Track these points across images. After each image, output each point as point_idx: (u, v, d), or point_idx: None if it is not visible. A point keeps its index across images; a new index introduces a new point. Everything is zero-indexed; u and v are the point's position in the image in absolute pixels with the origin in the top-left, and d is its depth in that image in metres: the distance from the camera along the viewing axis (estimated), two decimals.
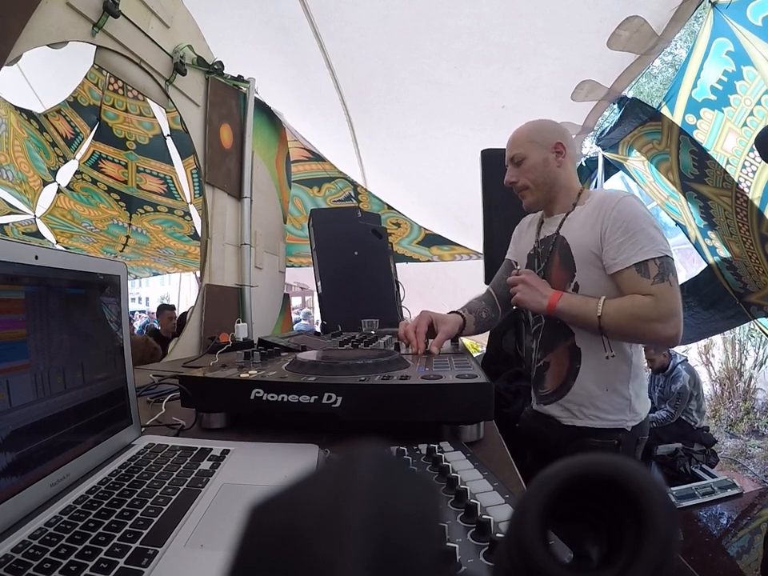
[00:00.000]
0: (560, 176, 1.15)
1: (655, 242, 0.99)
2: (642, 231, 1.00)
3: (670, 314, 0.97)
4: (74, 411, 0.49)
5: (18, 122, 3.13)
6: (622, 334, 1.04)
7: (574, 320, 1.09)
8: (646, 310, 0.97)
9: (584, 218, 1.10)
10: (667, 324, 0.97)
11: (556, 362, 1.18)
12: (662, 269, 0.98)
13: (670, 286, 0.98)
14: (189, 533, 0.38)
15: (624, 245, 1.00)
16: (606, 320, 1.00)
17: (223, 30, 2.22)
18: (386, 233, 2.18)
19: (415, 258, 3.91)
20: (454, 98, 2.57)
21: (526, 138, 1.16)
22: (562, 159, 1.15)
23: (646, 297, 0.98)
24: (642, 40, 1.94)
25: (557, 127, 1.18)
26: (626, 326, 1.00)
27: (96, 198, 3.90)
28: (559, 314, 1.08)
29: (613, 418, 1.09)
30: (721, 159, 2.13)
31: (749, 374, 5.56)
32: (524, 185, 1.17)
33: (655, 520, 0.14)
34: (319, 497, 0.12)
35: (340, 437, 0.63)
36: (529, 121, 1.20)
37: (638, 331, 1.01)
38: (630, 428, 1.10)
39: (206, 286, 1.98)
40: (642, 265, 0.99)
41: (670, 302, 0.98)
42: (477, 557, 0.32)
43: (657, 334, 0.99)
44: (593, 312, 1.02)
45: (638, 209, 1.04)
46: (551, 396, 1.18)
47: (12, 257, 0.42)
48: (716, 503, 2.45)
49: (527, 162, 1.15)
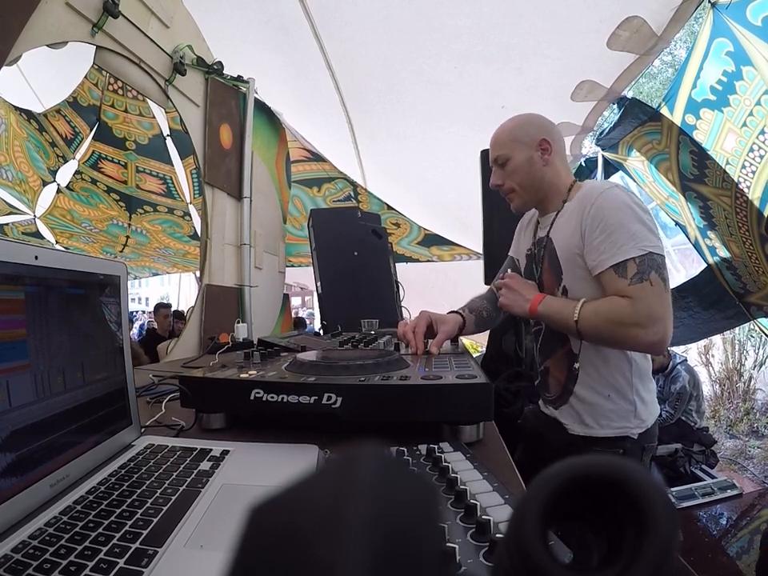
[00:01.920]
0: (546, 174, 1.08)
1: (636, 238, 0.90)
2: (621, 228, 0.91)
3: (649, 318, 0.88)
4: (74, 411, 0.49)
5: (17, 122, 3.13)
6: (602, 339, 0.97)
7: (555, 324, 1.03)
8: (624, 312, 0.89)
9: (569, 216, 1.04)
10: (648, 329, 0.88)
11: (555, 368, 1.14)
12: (642, 267, 0.89)
13: (651, 286, 0.88)
14: (188, 533, 0.38)
15: (602, 244, 0.93)
16: (584, 324, 0.94)
17: (223, 30, 2.22)
18: (385, 233, 2.19)
19: (415, 258, 3.91)
20: (453, 98, 2.57)
21: (508, 136, 1.09)
22: (548, 157, 1.07)
23: (623, 299, 0.90)
24: (642, 40, 1.95)
25: (542, 121, 1.10)
26: (604, 330, 0.93)
27: (96, 198, 3.90)
28: (540, 318, 1.04)
29: (616, 426, 1.03)
30: (720, 159, 2.13)
31: (748, 375, 5.56)
32: (510, 188, 1.11)
33: (655, 520, 0.14)
34: (319, 497, 0.12)
35: (340, 437, 0.63)
36: (512, 117, 1.12)
37: (616, 336, 0.92)
38: (636, 436, 1.03)
39: (206, 286, 1.98)
40: (621, 265, 0.91)
41: (650, 304, 0.88)
42: (477, 557, 0.32)
43: (638, 340, 0.90)
44: (570, 316, 0.95)
45: (618, 201, 0.94)
46: (556, 401, 1.14)
47: (12, 257, 0.42)
48: (716, 504, 2.45)
49: (511, 164, 1.08)
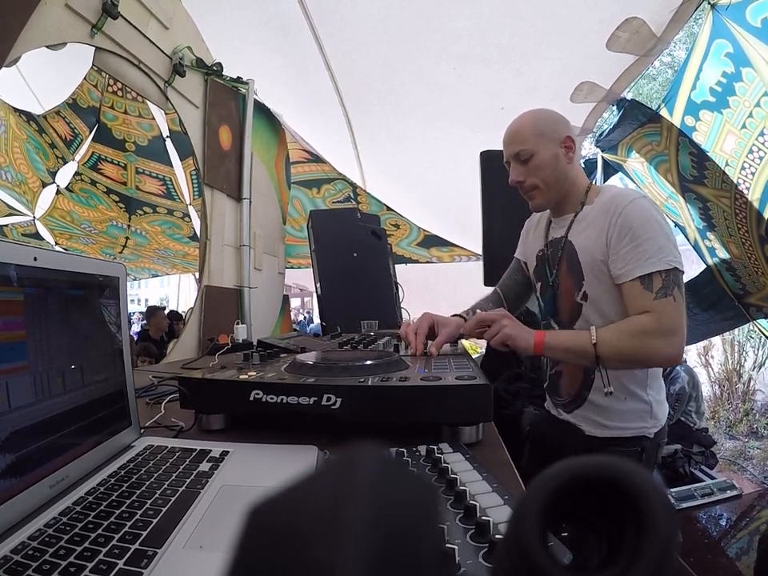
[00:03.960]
0: (570, 173, 1.05)
1: (663, 252, 0.91)
2: (650, 240, 0.92)
3: (671, 331, 0.90)
4: (74, 413, 0.49)
5: (17, 123, 3.13)
6: (622, 359, 0.96)
7: (566, 353, 1.00)
8: (648, 326, 0.90)
9: (591, 220, 1.02)
10: (669, 340, 0.90)
11: (568, 372, 1.13)
12: (667, 282, 0.91)
13: (674, 302, 0.90)
14: (188, 534, 0.38)
15: (630, 254, 0.93)
16: (603, 347, 0.93)
17: (222, 31, 2.23)
18: (385, 234, 2.19)
19: (414, 260, 3.91)
20: (453, 99, 2.58)
21: (533, 131, 1.03)
22: (572, 155, 1.04)
23: (644, 315, 0.92)
24: (642, 41, 1.95)
25: (562, 118, 1.08)
26: (626, 348, 0.93)
27: (95, 200, 3.90)
28: (548, 349, 0.99)
29: (634, 426, 1.05)
30: (720, 161, 2.13)
31: (748, 376, 5.56)
32: (533, 184, 1.05)
33: (655, 521, 0.14)
34: (319, 498, 0.12)
35: (339, 438, 0.63)
36: (528, 111, 1.08)
37: (638, 352, 0.93)
38: (653, 435, 1.05)
39: (205, 287, 1.98)
40: (647, 278, 0.92)
41: (673, 318, 0.90)
42: (476, 558, 0.32)
43: (659, 353, 0.91)
44: (586, 340, 0.94)
45: (647, 213, 0.95)
46: (570, 405, 1.13)
47: (11, 258, 0.42)
48: (715, 504, 2.45)
49: (536, 159, 1.03)
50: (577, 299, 1.06)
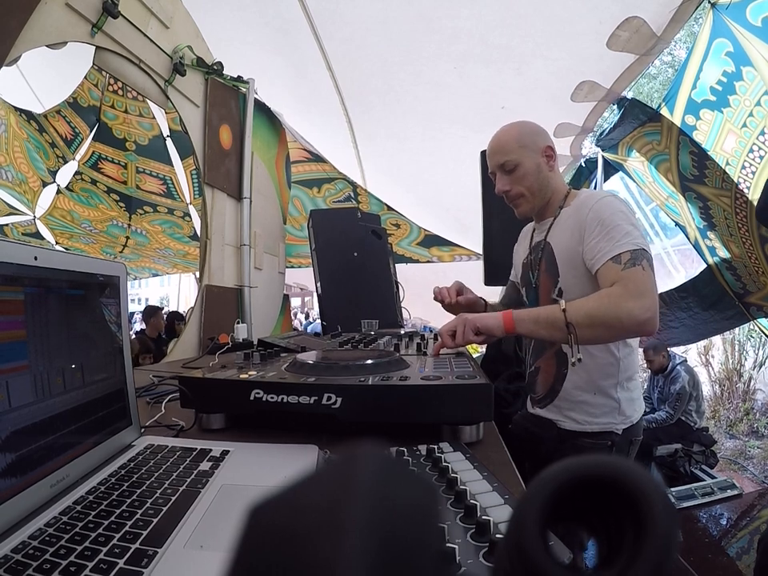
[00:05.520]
0: (552, 180, 1.13)
1: (631, 236, 0.97)
2: (617, 227, 0.97)
3: (639, 293, 0.90)
4: (74, 412, 0.49)
5: (17, 122, 3.13)
6: (592, 323, 0.93)
7: (536, 323, 0.99)
8: (615, 291, 0.92)
9: (565, 221, 1.10)
10: (639, 303, 0.89)
11: (545, 368, 1.19)
12: (635, 256, 0.94)
13: (642, 270, 0.93)
14: (188, 534, 0.38)
15: (600, 242, 0.98)
16: (572, 310, 0.93)
17: (223, 30, 2.23)
18: (385, 233, 2.18)
19: (415, 259, 3.91)
20: (453, 99, 2.58)
21: (516, 143, 1.10)
22: (552, 163, 1.13)
23: (613, 285, 0.93)
24: (642, 41, 1.95)
25: (542, 130, 1.15)
26: (595, 309, 0.92)
27: (95, 199, 3.90)
28: (518, 322, 0.99)
29: (601, 421, 1.09)
30: (720, 160, 2.13)
31: (748, 375, 5.57)
32: (519, 193, 1.13)
33: (655, 521, 0.14)
34: (319, 498, 0.12)
35: (340, 438, 0.63)
36: (510, 124, 1.15)
37: (607, 313, 0.91)
38: (621, 431, 1.09)
39: (206, 286, 1.98)
40: (616, 257, 0.95)
41: (640, 283, 0.92)
42: (476, 557, 0.32)
43: (630, 314, 0.89)
44: (555, 308, 0.95)
45: (614, 206, 1.01)
46: (544, 400, 1.19)
47: (11, 257, 0.42)
48: (715, 504, 2.46)
49: (521, 169, 1.10)
50: (553, 296, 1.11)
